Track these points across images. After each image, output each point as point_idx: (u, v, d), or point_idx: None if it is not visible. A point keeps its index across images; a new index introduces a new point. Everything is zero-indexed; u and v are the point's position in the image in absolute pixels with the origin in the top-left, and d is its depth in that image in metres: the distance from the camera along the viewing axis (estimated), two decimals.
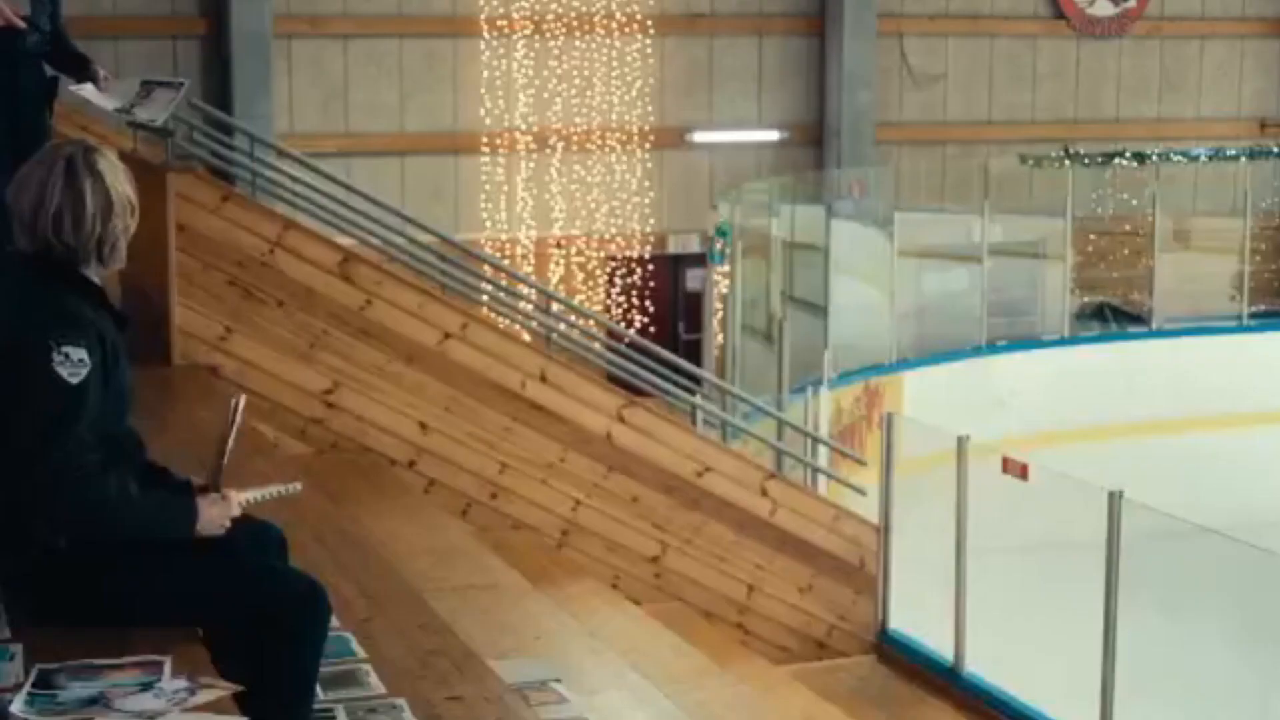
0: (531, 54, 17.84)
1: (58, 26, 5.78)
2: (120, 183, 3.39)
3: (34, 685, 2.95)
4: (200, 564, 3.33)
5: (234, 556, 3.39)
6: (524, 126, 17.86)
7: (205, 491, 3.49)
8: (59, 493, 3.19)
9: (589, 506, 8.69)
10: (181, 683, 2.96)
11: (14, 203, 3.38)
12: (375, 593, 4.81)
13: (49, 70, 5.63)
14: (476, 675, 4.26)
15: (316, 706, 3.86)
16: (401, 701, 3.93)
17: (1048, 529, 10.23)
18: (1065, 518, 9.18)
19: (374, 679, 4.07)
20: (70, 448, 3.20)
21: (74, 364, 3.20)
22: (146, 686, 2.94)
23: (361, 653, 4.22)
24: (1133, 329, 18.34)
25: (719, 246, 16.44)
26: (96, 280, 3.42)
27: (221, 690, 2.95)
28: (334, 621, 4.43)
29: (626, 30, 18.12)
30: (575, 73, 18.03)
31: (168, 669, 3.01)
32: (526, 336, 10.79)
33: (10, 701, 2.88)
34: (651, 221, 18.49)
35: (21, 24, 5.22)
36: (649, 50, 18.27)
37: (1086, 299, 18.62)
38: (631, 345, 10.89)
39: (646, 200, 18.43)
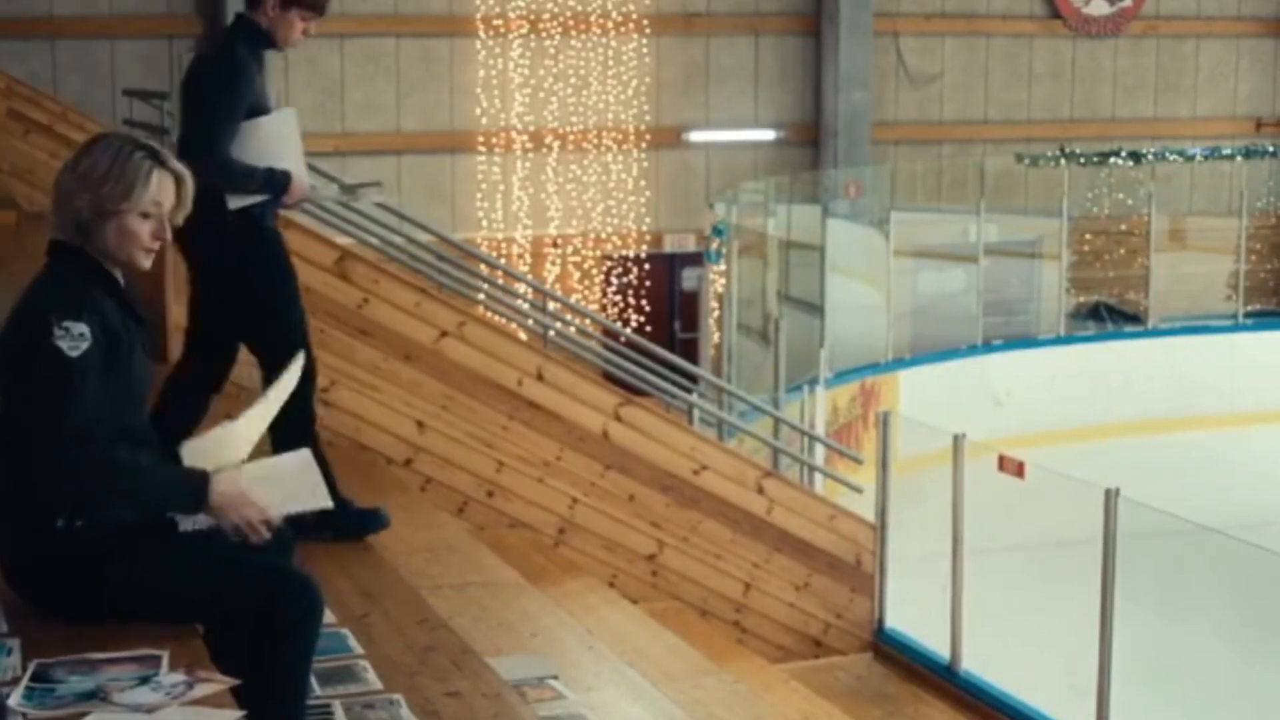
0: (527, 53, 17.85)
1: None
2: (148, 179, 3.43)
3: (31, 679, 2.95)
4: (196, 559, 3.34)
5: (230, 552, 3.39)
6: (520, 126, 17.88)
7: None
8: (69, 462, 3.25)
9: (586, 505, 8.68)
10: (179, 676, 2.96)
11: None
12: (372, 590, 4.80)
13: None
14: (474, 671, 4.25)
15: (314, 702, 3.86)
16: (399, 697, 3.92)
17: (1044, 527, 10.24)
18: (1062, 516, 9.19)
19: (371, 675, 4.06)
20: (76, 418, 3.24)
21: (74, 338, 3.26)
22: (144, 680, 2.94)
23: (358, 649, 4.22)
24: (1128, 328, 18.38)
25: (715, 246, 16.46)
26: (115, 272, 3.48)
27: (218, 684, 2.95)
28: (331, 618, 4.43)
29: (622, 30, 18.13)
30: (571, 72, 18.05)
31: (165, 663, 3.01)
32: (523, 335, 10.79)
33: (8, 695, 2.88)
34: (647, 221, 18.50)
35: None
36: (645, 50, 18.28)
37: (1082, 298, 18.66)
38: (628, 344, 10.89)
39: (642, 199, 18.45)
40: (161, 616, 3.28)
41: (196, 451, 3.52)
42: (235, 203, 5.06)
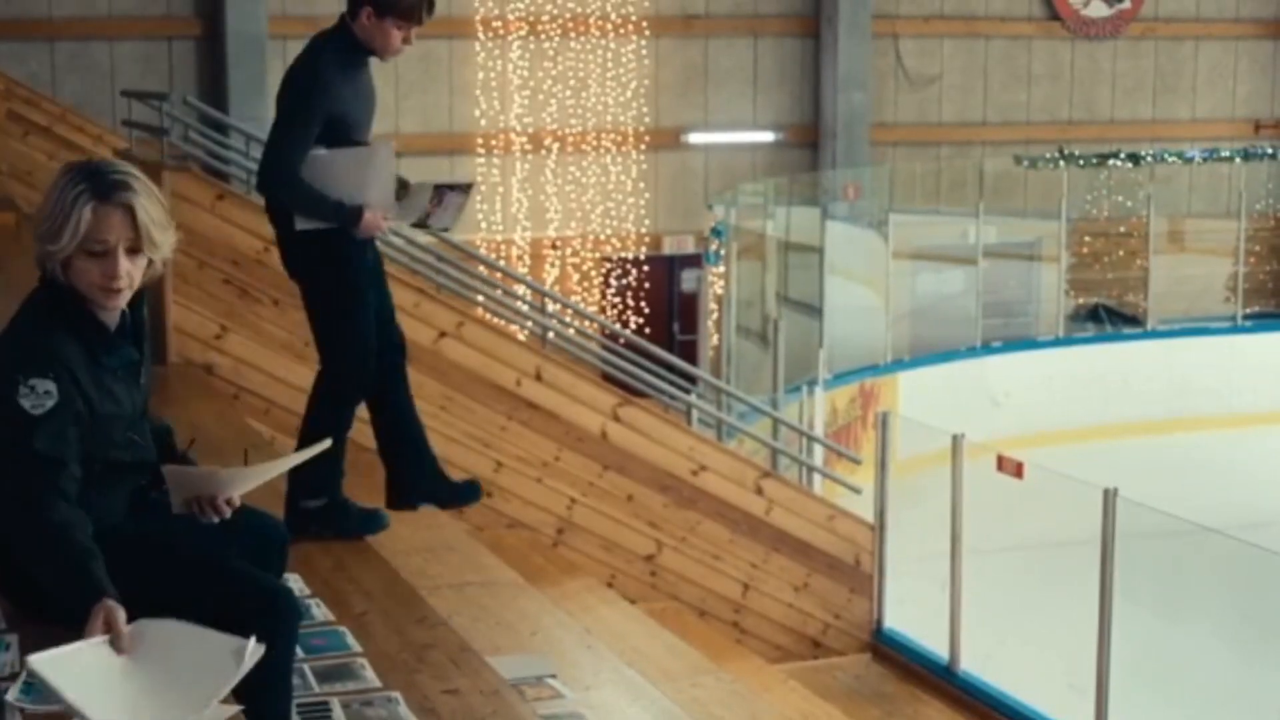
0: (527, 55, 17.86)
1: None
2: (79, 217, 3.15)
3: (29, 675, 2.95)
4: (163, 567, 3.29)
5: (201, 557, 3.38)
6: (519, 128, 17.88)
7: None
8: (7, 515, 3.15)
9: (584, 505, 8.69)
10: None
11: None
12: (370, 588, 4.80)
13: None
14: (472, 669, 4.25)
15: (312, 699, 3.86)
16: (397, 695, 3.92)
17: (1043, 528, 10.25)
18: (1060, 516, 9.19)
19: (369, 673, 4.06)
20: (17, 476, 3.14)
21: (39, 395, 3.14)
22: None
23: (356, 646, 4.22)
24: (1128, 330, 18.38)
25: (714, 247, 16.47)
26: (98, 313, 3.30)
27: None
28: (330, 616, 4.44)
29: (621, 31, 18.14)
30: (570, 74, 18.06)
31: None
32: (522, 337, 10.79)
33: (5, 690, 2.88)
34: (646, 222, 18.50)
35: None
36: (644, 51, 18.29)
37: (1081, 300, 18.66)
38: (627, 345, 10.90)
39: (641, 201, 18.45)
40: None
41: (178, 479, 3.48)
42: (302, 224, 5.04)
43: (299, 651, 4.04)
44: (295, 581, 4.40)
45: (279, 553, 3.71)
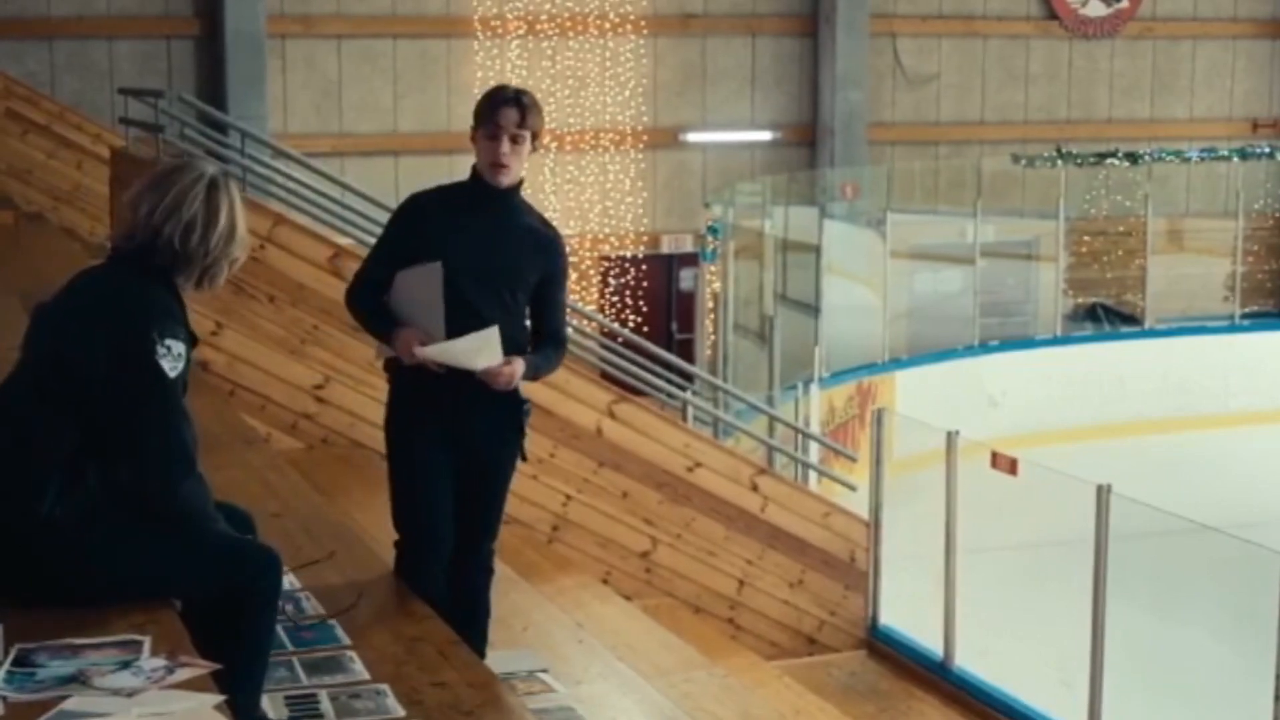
0: (525, 54, 17.87)
1: None
2: (243, 217, 3.49)
3: (13, 663, 2.96)
4: (165, 543, 3.35)
5: (196, 533, 3.42)
6: None
7: None
8: (163, 476, 3.32)
9: (579, 501, 8.69)
10: (160, 661, 2.96)
11: (138, 199, 3.42)
12: (360, 581, 4.80)
13: None
14: (461, 662, 4.25)
15: (300, 692, 3.88)
16: (385, 687, 3.93)
17: (1038, 526, 10.25)
18: (1055, 513, 9.20)
19: (358, 665, 4.07)
20: (172, 436, 3.31)
21: (174, 357, 3.29)
22: (125, 665, 2.95)
23: (345, 639, 4.22)
24: (1125, 329, 18.38)
25: (711, 245, 16.48)
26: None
27: (200, 668, 2.96)
28: (319, 609, 4.45)
29: (620, 31, 18.15)
30: (569, 73, 18.07)
31: (147, 648, 3.02)
32: None
33: None
34: (645, 221, 18.51)
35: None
36: (642, 51, 18.29)
37: (1079, 299, 18.67)
38: (625, 343, 10.90)
39: (640, 200, 18.46)
40: (131, 598, 3.29)
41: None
42: (382, 350, 4.90)
43: (288, 644, 4.06)
44: (285, 576, 4.41)
45: (250, 529, 3.82)
